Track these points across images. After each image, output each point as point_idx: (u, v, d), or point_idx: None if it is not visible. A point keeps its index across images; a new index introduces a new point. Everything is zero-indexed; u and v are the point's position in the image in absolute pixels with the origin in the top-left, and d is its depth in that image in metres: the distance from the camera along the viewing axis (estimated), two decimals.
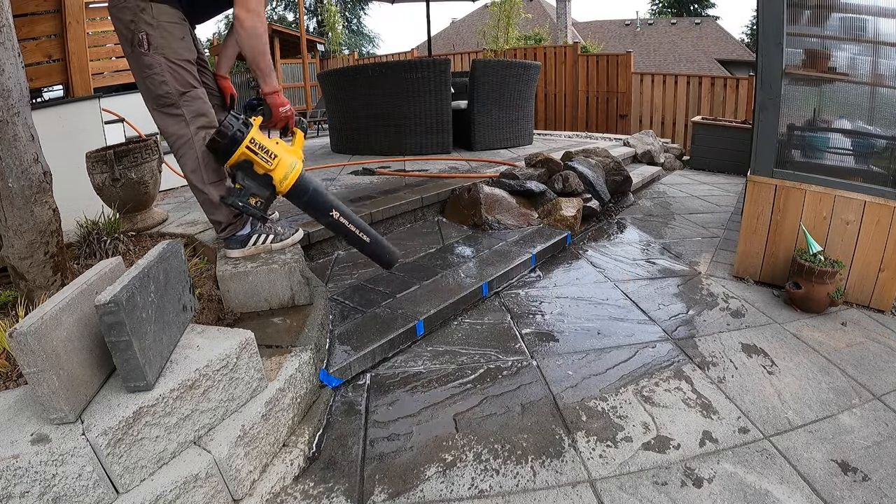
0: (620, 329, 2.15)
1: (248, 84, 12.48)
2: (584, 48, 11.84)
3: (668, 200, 4.25)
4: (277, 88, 1.90)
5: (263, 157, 1.78)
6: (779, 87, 2.37)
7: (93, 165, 2.40)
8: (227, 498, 1.29)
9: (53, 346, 1.07)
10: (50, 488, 1.05)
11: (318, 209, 1.93)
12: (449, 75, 4.68)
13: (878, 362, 1.94)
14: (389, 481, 1.39)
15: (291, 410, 1.52)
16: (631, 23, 24.28)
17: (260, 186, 1.81)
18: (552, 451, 1.49)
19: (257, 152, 1.77)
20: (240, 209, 1.81)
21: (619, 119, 8.43)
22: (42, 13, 3.34)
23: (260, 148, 1.77)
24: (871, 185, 2.35)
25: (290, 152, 1.86)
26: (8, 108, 1.50)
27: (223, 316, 1.89)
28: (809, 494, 1.33)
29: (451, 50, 17.90)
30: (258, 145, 1.76)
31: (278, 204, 2.57)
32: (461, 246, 2.89)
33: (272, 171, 1.80)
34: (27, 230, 1.59)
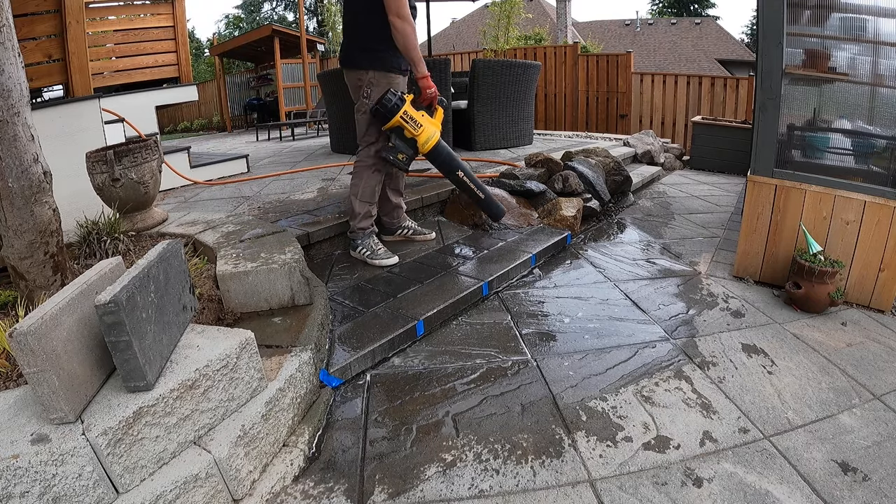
0: (620, 329, 2.15)
1: (248, 84, 12.49)
2: (584, 48, 11.85)
3: (668, 200, 4.25)
4: (427, 74, 2.42)
5: (412, 126, 2.38)
6: (779, 87, 2.37)
7: (93, 165, 2.39)
8: (227, 498, 1.29)
9: (53, 346, 1.07)
10: (50, 488, 1.05)
11: (450, 168, 2.58)
12: (449, 75, 4.68)
13: (878, 362, 1.94)
14: (389, 481, 1.39)
15: (291, 410, 1.52)
16: (631, 23, 24.27)
17: (407, 147, 2.41)
18: (552, 451, 1.49)
19: (408, 121, 2.37)
20: (390, 162, 2.42)
21: (619, 119, 8.43)
22: (42, 13, 3.34)
23: (410, 118, 2.37)
24: (871, 185, 2.35)
25: (431, 124, 2.46)
26: (8, 108, 1.50)
27: (223, 316, 1.89)
28: (809, 494, 1.33)
29: (451, 50, 17.90)
30: (409, 116, 2.37)
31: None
32: (461, 246, 2.89)
33: (417, 136, 2.41)
34: (27, 230, 1.59)
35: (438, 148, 2.48)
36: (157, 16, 4.57)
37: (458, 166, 2.56)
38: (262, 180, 4.19)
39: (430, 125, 2.44)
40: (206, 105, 13.44)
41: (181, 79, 4.74)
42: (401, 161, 2.41)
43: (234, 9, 32.52)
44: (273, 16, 28.65)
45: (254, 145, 7.16)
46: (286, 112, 10.19)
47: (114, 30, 4.39)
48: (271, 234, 2.29)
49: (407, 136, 2.40)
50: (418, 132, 2.39)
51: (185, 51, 4.72)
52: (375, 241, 2.64)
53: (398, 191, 2.83)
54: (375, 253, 2.60)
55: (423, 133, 2.41)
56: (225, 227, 2.44)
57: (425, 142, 2.42)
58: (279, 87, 10.46)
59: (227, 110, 12.08)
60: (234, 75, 13.25)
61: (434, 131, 2.45)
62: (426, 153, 2.47)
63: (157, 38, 4.57)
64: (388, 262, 2.59)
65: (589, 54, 8.97)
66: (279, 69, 10.38)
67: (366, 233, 2.62)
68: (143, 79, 4.51)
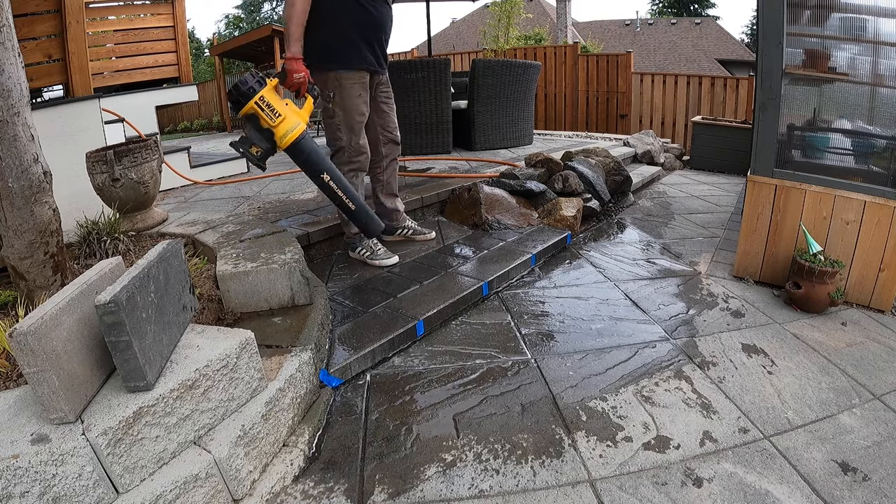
0: (620, 329, 2.15)
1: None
2: (584, 48, 11.85)
3: (668, 200, 4.25)
4: (298, 56, 2.14)
5: (269, 114, 2.00)
6: (779, 87, 2.37)
7: (93, 165, 2.39)
8: (227, 498, 1.29)
9: (53, 346, 1.07)
10: (50, 488, 1.05)
11: (312, 170, 2.15)
12: (449, 75, 4.68)
13: (878, 362, 1.94)
14: (389, 481, 1.39)
15: (291, 410, 1.52)
16: (631, 23, 24.27)
17: (262, 139, 2.02)
18: (552, 451, 1.49)
19: (264, 109, 1.99)
20: (241, 154, 2.04)
21: (619, 119, 8.43)
22: (42, 13, 3.34)
23: (267, 106, 1.99)
24: (871, 185, 2.35)
25: (296, 114, 2.07)
26: (8, 108, 1.50)
27: (223, 316, 1.89)
28: (809, 494, 1.33)
29: (451, 50, 17.90)
30: (266, 103, 1.98)
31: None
32: (461, 246, 2.89)
33: (274, 127, 2.01)
34: (27, 230, 1.59)
35: (300, 144, 2.07)
36: (157, 16, 4.57)
37: (323, 168, 2.14)
38: (262, 180, 4.19)
39: (293, 116, 2.05)
40: (206, 105, 13.44)
41: (181, 79, 4.74)
42: (254, 155, 2.02)
43: (234, 9, 32.55)
44: (273, 16, 28.68)
45: None
46: None
47: (114, 30, 4.39)
48: (271, 234, 2.29)
49: (262, 126, 2.01)
50: (276, 122, 2.00)
51: (185, 51, 4.72)
52: (374, 242, 2.62)
53: (393, 195, 2.79)
54: (375, 253, 2.59)
55: (283, 124, 2.01)
56: (225, 227, 2.44)
57: (284, 134, 2.02)
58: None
59: (228, 110, 12.07)
60: (235, 75, 13.24)
61: (297, 123, 2.05)
62: (285, 148, 2.08)
63: (157, 38, 4.57)
64: (388, 262, 2.58)
65: (589, 54, 8.97)
66: (279, 69, 10.38)
67: (361, 235, 2.60)
68: (143, 79, 4.51)
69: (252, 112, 2.00)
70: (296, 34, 2.13)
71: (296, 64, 2.13)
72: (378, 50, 2.43)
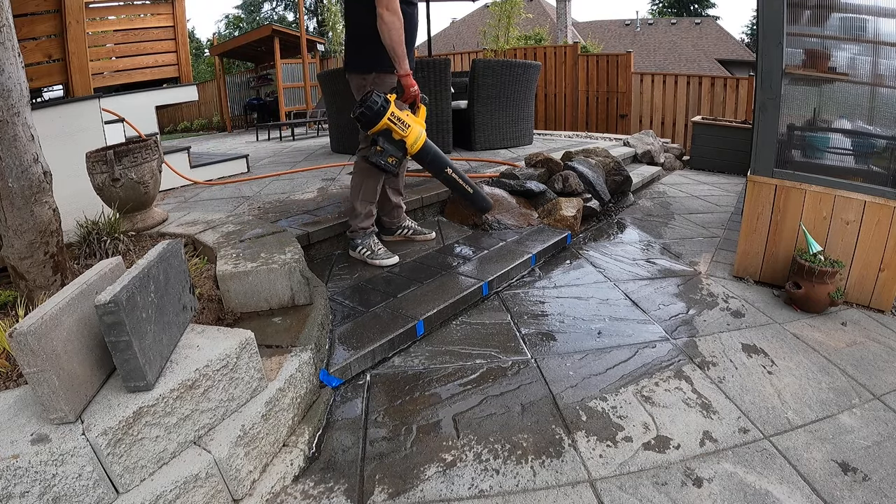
0: (620, 329, 2.15)
1: (248, 84, 12.49)
2: (584, 48, 11.85)
3: (668, 200, 4.25)
4: (409, 72, 2.33)
5: (400, 127, 2.28)
6: (779, 87, 2.37)
7: (93, 165, 2.39)
8: (227, 498, 1.29)
9: (53, 346, 1.07)
10: (50, 488, 1.05)
11: (438, 167, 2.49)
12: (449, 75, 4.68)
13: (878, 362, 1.94)
14: (389, 481, 1.39)
15: (291, 410, 1.52)
16: (631, 23, 24.27)
17: (396, 149, 2.31)
18: (552, 451, 1.49)
19: (396, 123, 2.26)
20: (379, 167, 2.32)
21: (619, 119, 8.43)
22: (42, 13, 3.34)
23: (397, 119, 2.26)
24: (871, 185, 2.35)
25: (417, 123, 2.36)
26: (8, 108, 1.50)
27: (223, 316, 1.89)
28: (809, 494, 1.33)
29: (451, 50, 17.90)
30: (396, 117, 2.26)
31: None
32: (461, 246, 2.89)
33: (406, 137, 2.30)
34: (27, 230, 1.59)
35: (426, 147, 2.39)
36: (157, 16, 4.57)
37: (446, 164, 2.49)
38: (262, 180, 4.19)
39: (416, 124, 2.35)
40: (206, 105, 13.44)
41: (181, 79, 4.74)
42: (391, 164, 2.31)
43: (234, 9, 32.56)
44: (273, 16, 28.66)
45: (254, 145, 7.16)
46: (286, 112, 10.19)
47: (114, 30, 4.39)
48: (271, 234, 2.29)
49: (395, 138, 2.30)
50: (406, 133, 2.29)
51: (185, 51, 4.72)
52: (375, 241, 2.63)
53: (398, 190, 2.83)
54: (375, 253, 2.60)
55: (412, 133, 2.31)
56: (225, 227, 2.44)
57: (414, 142, 2.33)
58: (279, 87, 10.46)
59: (227, 110, 12.08)
60: (234, 75, 13.25)
61: (421, 130, 2.36)
62: (415, 154, 2.38)
63: (157, 38, 4.57)
64: (388, 262, 2.58)
65: (589, 54, 8.97)
66: (279, 69, 10.38)
67: (366, 232, 2.62)
68: (143, 79, 4.51)
69: (386, 127, 2.26)
70: (402, 53, 2.26)
71: (411, 79, 2.33)
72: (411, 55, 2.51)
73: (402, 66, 2.28)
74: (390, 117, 2.24)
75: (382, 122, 2.23)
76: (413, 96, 2.37)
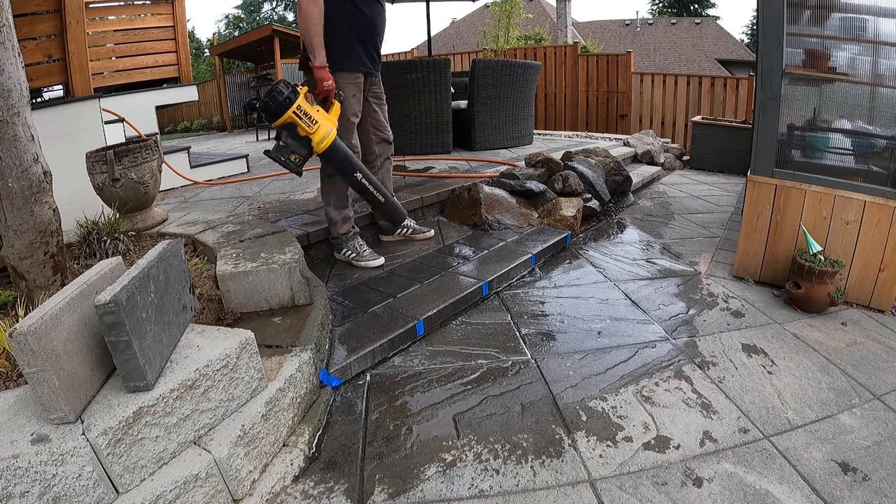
0: (620, 329, 2.15)
1: (248, 84, 12.49)
2: (584, 48, 11.84)
3: (668, 200, 4.25)
4: (325, 65, 2.21)
5: (306, 123, 2.11)
6: (779, 87, 2.37)
7: (93, 165, 2.39)
8: (227, 498, 1.29)
9: (53, 346, 1.07)
10: (50, 488, 1.05)
11: (346, 170, 2.30)
12: (449, 75, 4.68)
13: (878, 362, 1.94)
14: (389, 481, 1.39)
15: (291, 410, 1.52)
16: (631, 23, 24.27)
17: (300, 146, 2.14)
18: (552, 450, 1.49)
19: (301, 117, 2.10)
20: (280, 164, 2.16)
21: (619, 119, 8.43)
22: (42, 13, 3.34)
23: (304, 114, 2.10)
24: (871, 185, 2.35)
25: (327, 120, 2.19)
26: (8, 108, 1.50)
27: (223, 316, 1.89)
28: (809, 494, 1.33)
29: (451, 50, 17.90)
30: (303, 112, 2.10)
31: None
32: (461, 246, 2.89)
33: (312, 134, 2.13)
34: (27, 230, 1.59)
35: (335, 147, 2.21)
36: (157, 16, 4.57)
37: (356, 168, 2.30)
38: (262, 180, 4.19)
39: (326, 122, 2.18)
40: (206, 105, 13.43)
41: (181, 79, 4.74)
42: (293, 162, 2.14)
43: (234, 9, 32.51)
44: (273, 16, 28.67)
45: (254, 145, 7.16)
46: None
47: (114, 30, 4.39)
48: (271, 234, 2.29)
49: (300, 133, 2.13)
50: (313, 130, 2.12)
51: (185, 51, 4.72)
52: (360, 243, 2.61)
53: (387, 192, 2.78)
54: (361, 254, 2.58)
55: (319, 131, 2.14)
56: (225, 227, 2.44)
57: (321, 140, 2.15)
58: None
59: (227, 110, 12.08)
60: (234, 75, 13.23)
61: (330, 129, 2.18)
62: (321, 153, 2.21)
63: (157, 38, 4.57)
64: (373, 263, 2.56)
65: (589, 54, 8.96)
66: (279, 69, 10.36)
67: (348, 236, 2.60)
68: (143, 79, 4.51)
69: (290, 121, 2.09)
70: (318, 43, 2.18)
71: (325, 72, 2.21)
72: (372, 51, 2.46)
73: (317, 57, 2.19)
74: (296, 111, 2.08)
75: (287, 115, 2.08)
76: (326, 91, 2.24)
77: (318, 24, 2.17)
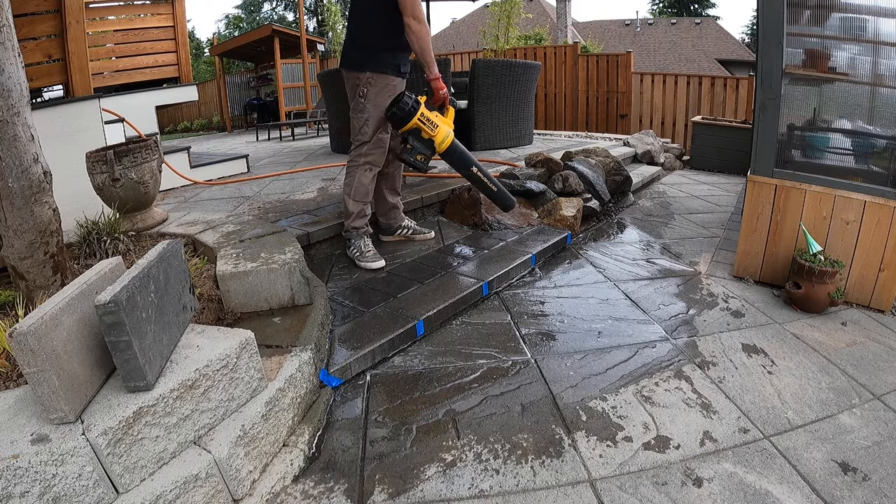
0: (620, 329, 2.15)
1: (248, 84, 12.50)
2: (584, 48, 11.84)
3: (668, 200, 4.25)
4: (439, 76, 2.46)
5: (429, 127, 2.41)
6: (779, 87, 2.37)
7: (93, 165, 2.39)
8: (227, 498, 1.29)
9: (53, 346, 1.07)
10: (50, 488, 1.05)
11: (464, 165, 2.61)
12: (449, 75, 4.67)
13: (878, 362, 1.94)
14: (389, 481, 1.39)
15: (291, 410, 1.52)
16: (631, 23, 24.27)
17: (424, 147, 2.45)
18: (552, 450, 1.49)
19: (425, 123, 2.40)
20: (410, 163, 2.46)
21: (619, 119, 8.43)
22: (42, 13, 3.34)
23: (427, 120, 2.40)
24: (871, 185, 2.35)
25: (445, 123, 2.49)
26: (8, 108, 1.50)
27: (223, 316, 1.89)
28: (809, 494, 1.33)
29: (451, 50, 17.89)
30: (425, 118, 2.40)
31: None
32: (461, 246, 2.89)
33: (434, 136, 2.44)
34: (27, 230, 1.59)
35: (454, 146, 2.52)
36: (157, 16, 4.57)
37: (472, 162, 2.61)
38: (262, 180, 4.19)
39: (444, 125, 2.47)
40: (206, 105, 13.44)
41: (181, 79, 4.74)
42: (420, 162, 2.44)
43: (234, 9, 32.54)
44: (273, 16, 28.66)
45: (254, 145, 7.16)
46: (286, 112, 10.18)
47: (114, 30, 4.39)
48: (271, 234, 2.29)
49: (424, 137, 2.43)
50: (435, 133, 2.42)
51: (185, 51, 4.72)
52: (366, 243, 2.63)
53: (395, 190, 2.83)
54: (364, 255, 2.60)
55: (440, 133, 2.44)
56: (225, 227, 2.44)
57: (442, 141, 2.45)
58: (279, 87, 10.46)
59: (227, 110, 12.08)
60: (234, 75, 13.24)
61: (448, 131, 2.48)
62: (442, 152, 2.51)
63: (157, 38, 4.57)
64: (372, 265, 2.57)
65: (589, 54, 8.96)
66: (279, 69, 10.37)
67: (359, 232, 2.62)
68: (143, 79, 4.51)
69: (415, 127, 2.39)
70: (431, 59, 2.40)
71: (440, 83, 2.47)
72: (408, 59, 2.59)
73: (433, 70, 2.42)
74: (420, 118, 2.37)
75: (413, 121, 2.37)
76: (442, 98, 2.52)
77: (430, 42, 2.38)
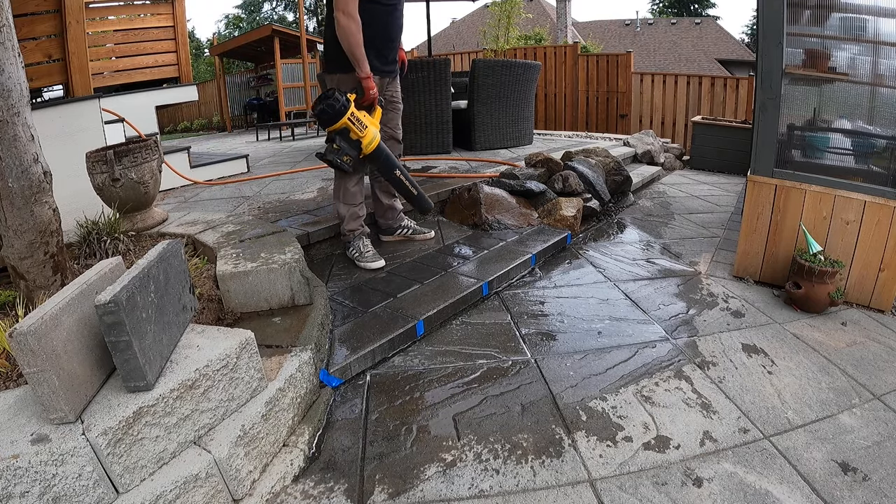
0: (620, 329, 2.15)
1: (248, 84, 12.49)
2: (585, 48, 11.85)
3: (668, 200, 4.25)
4: (369, 74, 2.35)
5: (358, 127, 2.31)
6: (779, 87, 2.37)
7: (93, 165, 2.39)
8: (227, 498, 1.29)
9: (53, 346, 1.07)
10: (50, 488, 1.05)
11: (388, 168, 2.52)
12: (449, 75, 4.67)
13: (878, 362, 1.94)
14: (389, 481, 1.39)
15: (291, 410, 1.52)
16: (631, 23, 24.27)
17: (351, 148, 2.35)
18: (552, 450, 1.49)
19: (354, 123, 2.30)
20: (335, 165, 2.38)
21: (619, 119, 8.43)
22: (42, 13, 3.34)
23: (356, 119, 2.31)
24: (871, 185, 2.35)
25: (373, 124, 2.40)
26: (8, 108, 1.50)
27: (223, 316, 1.89)
28: (809, 494, 1.33)
29: (451, 50, 17.90)
30: (355, 118, 2.30)
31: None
32: (461, 246, 2.89)
33: (362, 137, 2.34)
34: (27, 230, 1.59)
35: (380, 148, 2.42)
36: (157, 16, 4.57)
37: (396, 166, 2.52)
38: (262, 180, 4.19)
39: (372, 125, 2.38)
40: (206, 105, 13.43)
41: (181, 79, 4.74)
42: (346, 163, 2.34)
43: (234, 9, 32.53)
44: (273, 16, 28.66)
45: (254, 145, 7.16)
46: (286, 112, 10.19)
47: (114, 30, 4.39)
48: (271, 234, 2.29)
49: (352, 137, 2.33)
50: (363, 133, 2.33)
51: (185, 51, 4.72)
52: (364, 243, 2.64)
53: (389, 192, 2.82)
54: (363, 255, 2.60)
55: (368, 134, 2.34)
56: (225, 227, 2.44)
57: (369, 143, 2.36)
58: (279, 87, 10.45)
59: (227, 110, 12.08)
60: (234, 75, 13.24)
61: (376, 132, 2.40)
62: (368, 154, 2.39)
63: (157, 39, 4.57)
64: (372, 265, 2.57)
65: (589, 54, 8.96)
66: (279, 69, 10.37)
67: (356, 234, 2.62)
68: (143, 79, 4.51)
69: (344, 126, 2.29)
70: (360, 55, 2.29)
71: (371, 82, 2.36)
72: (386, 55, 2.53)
73: (363, 68, 2.31)
74: (350, 117, 2.27)
75: (342, 121, 2.27)
76: (371, 99, 2.40)
77: (358, 39, 2.25)
